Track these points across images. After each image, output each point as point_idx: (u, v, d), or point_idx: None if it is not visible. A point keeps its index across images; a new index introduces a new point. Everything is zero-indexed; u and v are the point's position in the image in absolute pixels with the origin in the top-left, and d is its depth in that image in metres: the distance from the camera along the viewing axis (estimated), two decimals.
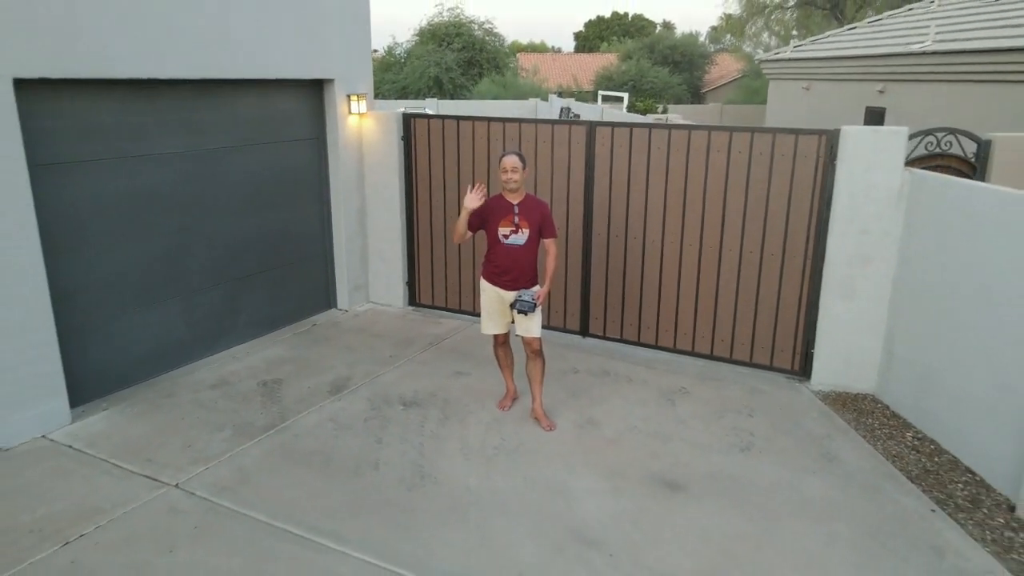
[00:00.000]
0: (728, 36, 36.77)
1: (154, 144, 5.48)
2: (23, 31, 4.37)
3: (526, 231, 4.80)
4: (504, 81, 31.56)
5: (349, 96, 6.95)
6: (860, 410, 5.35)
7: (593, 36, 62.82)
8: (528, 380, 5.14)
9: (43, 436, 4.78)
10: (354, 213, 7.24)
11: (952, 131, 7.62)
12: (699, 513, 4.10)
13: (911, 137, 7.70)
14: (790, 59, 14.57)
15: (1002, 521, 4.03)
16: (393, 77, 32.48)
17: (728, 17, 34.00)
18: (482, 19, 37.20)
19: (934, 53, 10.13)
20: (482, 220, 4.83)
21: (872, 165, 5.18)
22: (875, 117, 11.81)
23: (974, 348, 4.49)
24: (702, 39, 48.08)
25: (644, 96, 36.46)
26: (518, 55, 49.16)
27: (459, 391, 5.57)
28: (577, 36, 66.28)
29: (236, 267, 6.33)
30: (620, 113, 13.65)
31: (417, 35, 38.14)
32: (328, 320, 7.17)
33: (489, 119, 6.74)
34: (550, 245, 4.88)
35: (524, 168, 4.83)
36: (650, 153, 6.02)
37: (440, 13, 38.25)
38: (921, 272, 5.02)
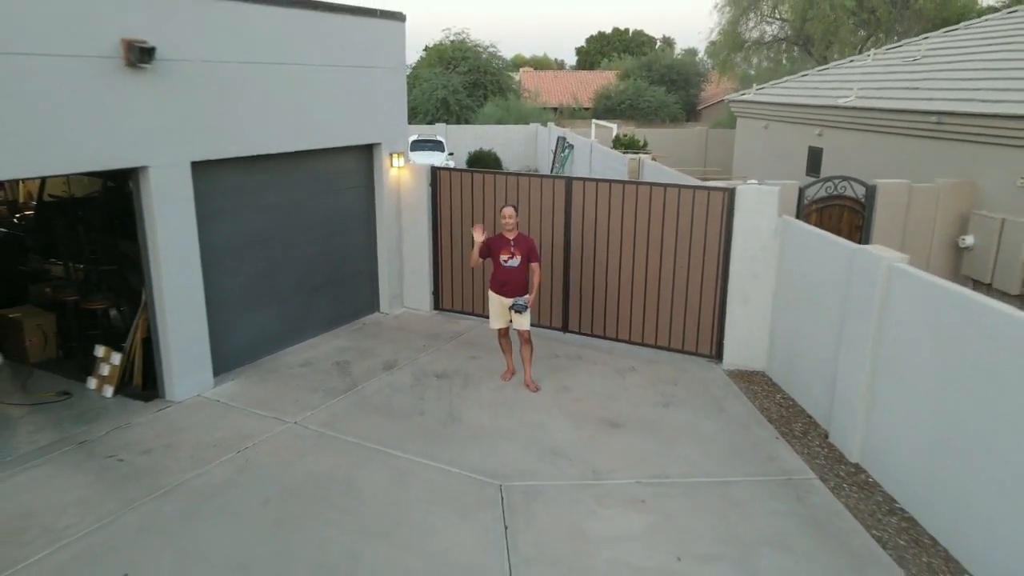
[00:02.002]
0: (726, 51, 38.50)
1: (262, 197, 7.90)
2: (196, 133, 6.80)
3: (519, 257, 7.19)
4: (507, 105, 33.86)
5: (391, 154, 9.37)
6: (751, 381, 7.73)
7: (594, 51, 65.16)
8: (522, 360, 7.53)
9: (198, 395, 7.18)
10: (393, 240, 9.64)
11: (846, 178, 10.03)
12: (628, 440, 6.46)
13: (816, 182, 10.13)
14: (752, 101, 16.96)
15: (818, 443, 6.40)
16: None
17: (725, 33, 35.54)
18: (487, 43, 39.37)
19: (854, 108, 12.49)
20: (488, 251, 7.24)
21: (757, 213, 7.55)
22: (815, 156, 14.18)
23: (810, 337, 6.85)
24: (700, 55, 50.38)
25: (641, 113, 38.82)
26: (521, 71, 51.57)
27: (474, 368, 7.96)
28: (579, 51, 68.75)
29: (310, 281, 8.73)
30: (605, 150, 16.07)
31: (424, 52, 40.47)
32: (374, 320, 9.57)
33: (495, 172, 9.15)
34: (535, 267, 7.26)
35: (517, 214, 7.25)
36: (610, 199, 8.40)
37: (448, 37, 40.75)
38: (787, 286, 7.39)
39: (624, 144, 17.58)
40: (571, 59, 71.46)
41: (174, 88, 6.52)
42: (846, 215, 10.06)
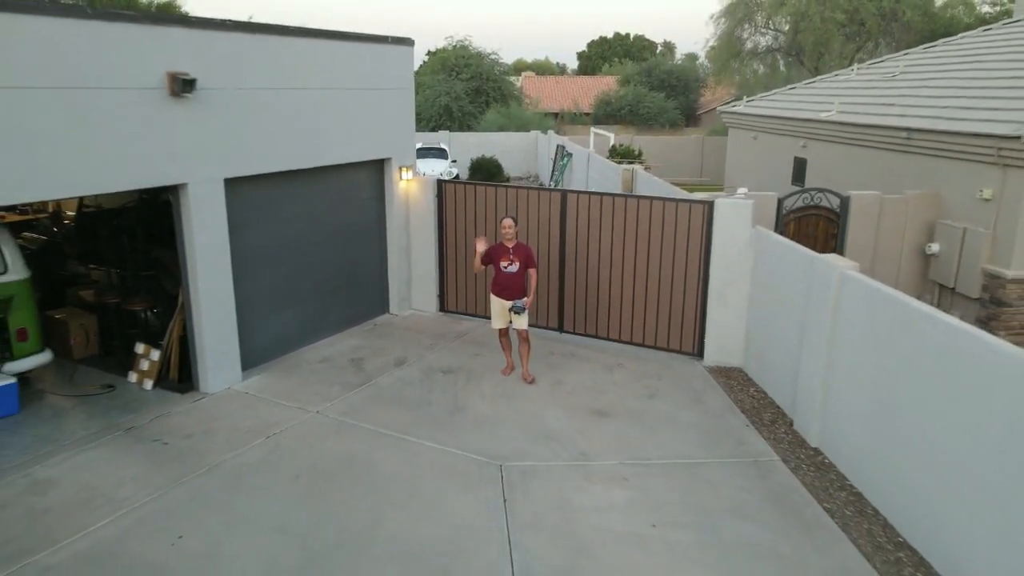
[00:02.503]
0: (723, 60, 39.11)
1: (284, 209, 8.70)
2: (229, 153, 7.60)
3: (517, 264, 7.98)
4: (509, 112, 34.63)
5: (400, 168, 10.17)
6: (729, 376, 8.51)
7: (596, 56, 66.06)
8: (520, 357, 8.32)
9: (228, 388, 7.96)
10: (402, 247, 10.44)
11: (822, 190, 10.82)
12: (614, 427, 7.24)
13: (794, 193, 10.90)
14: (743, 113, 17.75)
15: (783, 430, 7.18)
16: None
17: (721, 43, 36.32)
18: (489, 50, 40.20)
19: (834, 122, 13.26)
20: (490, 259, 8.04)
21: (733, 224, 8.33)
22: (800, 166, 14.95)
23: (779, 336, 7.63)
24: (701, 59, 51.09)
25: (641, 119, 39.56)
26: (523, 76, 52.30)
27: (477, 364, 8.75)
28: (580, 56, 69.63)
29: (327, 285, 9.52)
30: (602, 160, 16.88)
31: (427, 57, 41.12)
32: (385, 321, 10.37)
33: (496, 185, 9.94)
34: (532, 273, 8.05)
35: (516, 225, 8.05)
36: (602, 211, 9.19)
37: (451, 45, 41.51)
38: (760, 290, 8.16)
39: (620, 154, 18.37)
40: (573, 63, 72.24)
41: (211, 113, 7.32)
42: (822, 224, 10.85)
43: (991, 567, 4.54)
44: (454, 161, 24.26)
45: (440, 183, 10.28)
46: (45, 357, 7.74)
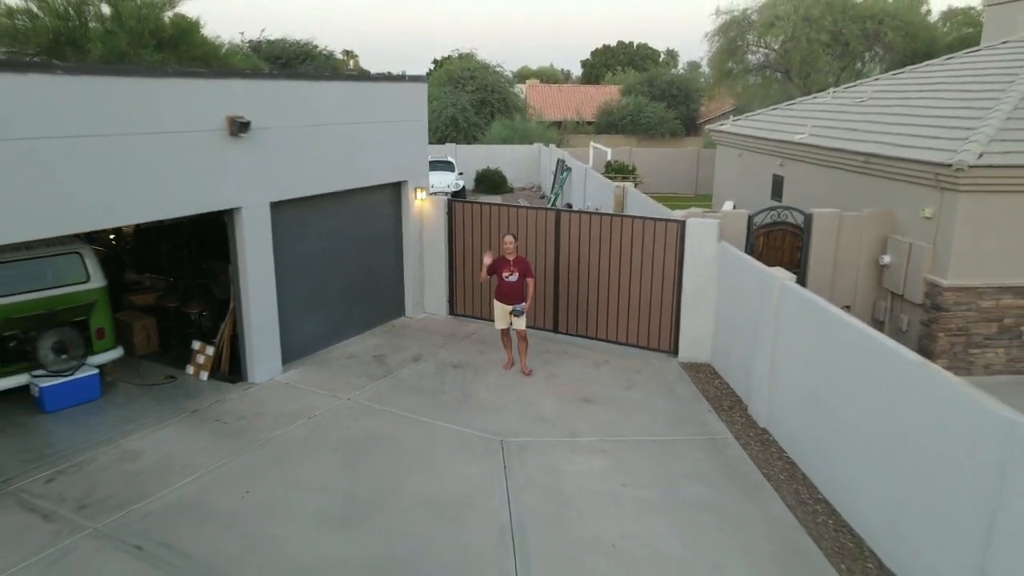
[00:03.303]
0: (719, 73, 40.20)
1: (315, 226, 10.12)
2: (274, 181, 9.03)
3: (517, 274, 9.38)
4: (513, 124, 36.03)
5: (415, 188, 11.59)
6: (698, 370, 9.89)
7: (599, 65, 67.49)
8: (519, 353, 9.71)
9: (271, 379, 9.37)
10: (416, 258, 11.86)
11: (788, 207, 12.18)
12: (598, 412, 8.62)
13: (763, 210, 12.27)
14: (729, 132, 19.13)
15: (739, 414, 8.56)
16: None
17: (717, 58, 37.51)
18: (494, 62, 41.62)
19: (806, 144, 14.63)
20: (494, 270, 9.45)
21: (702, 240, 9.71)
22: (778, 183, 16.31)
23: (738, 336, 9.00)
24: (703, 67, 52.28)
25: (642, 128, 40.92)
26: (527, 84, 53.62)
27: (482, 360, 10.14)
28: (584, 64, 71.14)
29: (351, 291, 10.93)
30: (598, 177, 18.31)
31: (433, 66, 42.47)
32: (401, 323, 11.78)
33: (500, 205, 11.36)
34: (530, 282, 9.45)
35: (516, 241, 9.46)
36: (591, 228, 10.58)
37: (458, 56, 42.84)
38: (725, 297, 9.54)
39: (615, 169, 19.75)
40: (577, 69, 73.60)
41: (260, 149, 8.75)
42: (788, 239, 12.20)
43: (875, 509, 5.92)
44: (461, 173, 25.67)
45: (451, 202, 11.69)
46: (118, 352, 9.17)
